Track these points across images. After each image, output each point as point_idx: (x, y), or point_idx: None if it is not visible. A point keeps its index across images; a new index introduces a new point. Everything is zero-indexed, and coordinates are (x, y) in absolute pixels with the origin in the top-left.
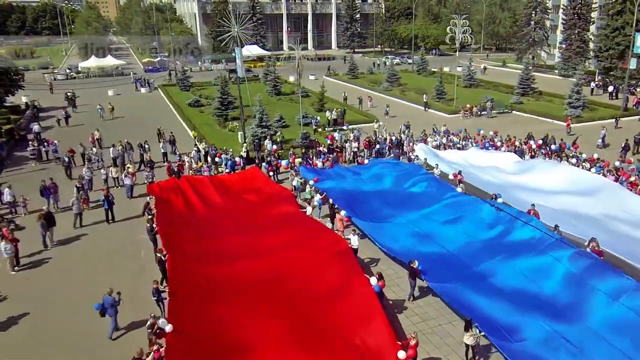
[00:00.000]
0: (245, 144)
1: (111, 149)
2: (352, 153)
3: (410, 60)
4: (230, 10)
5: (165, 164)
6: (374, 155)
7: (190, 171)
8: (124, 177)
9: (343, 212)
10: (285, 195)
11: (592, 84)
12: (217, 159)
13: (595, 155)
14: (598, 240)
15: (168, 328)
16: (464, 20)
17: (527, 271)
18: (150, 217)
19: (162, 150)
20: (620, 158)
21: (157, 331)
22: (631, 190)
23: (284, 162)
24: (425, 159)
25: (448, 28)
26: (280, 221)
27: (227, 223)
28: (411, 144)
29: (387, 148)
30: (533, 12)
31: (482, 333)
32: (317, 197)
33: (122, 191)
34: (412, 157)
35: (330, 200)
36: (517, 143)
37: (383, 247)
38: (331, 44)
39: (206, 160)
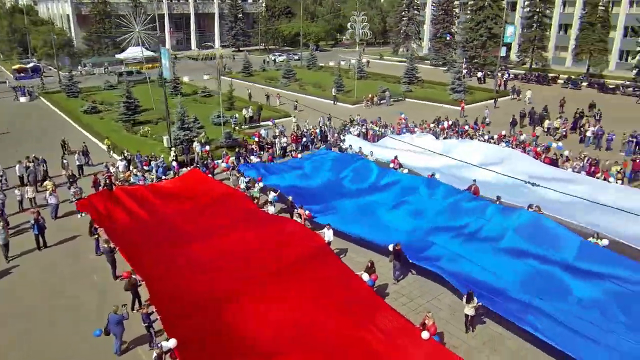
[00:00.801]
0: (173, 148)
1: (17, 166)
2: (282, 148)
3: (296, 57)
4: (110, 11)
5: (92, 176)
6: (301, 149)
7: (117, 182)
8: (49, 196)
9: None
10: (239, 195)
11: (464, 71)
12: (145, 167)
13: (504, 132)
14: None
15: (173, 343)
16: (362, 17)
17: (488, 238)
18: (97, 236)
19: (77, 163)
20: (520, 132)
21: (166, 355)
22: (537, 158)
23: (223, 164)
24: (360, 147)
25: (349, 24)
26: (245, 221)
27: (188, 230)
28: (336, 134)
29: (312, 141)
30: (406, 9)
31: (480, 303)
32: (272, 194)
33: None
34: (344, 146)
35: (290, 198)
36: (431, 125)
37: (354, 236)
38: (214, 44)
39: (128, 169)
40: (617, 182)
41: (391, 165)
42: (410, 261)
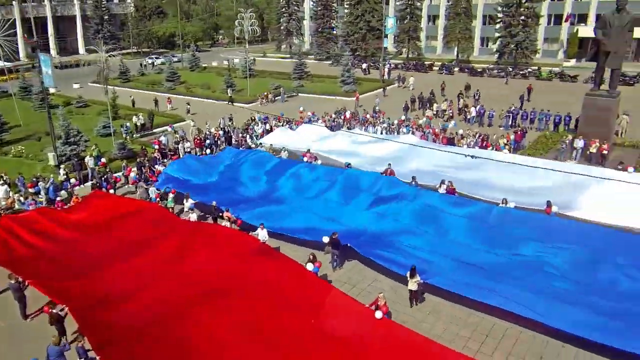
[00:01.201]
0: (62, 166)
1: None
2: (185, 154)
3: (175, 59)
4: None
5: None
6: (205, 151)
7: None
8: None
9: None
10: (153, 208)
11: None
12: (30, 189)
13: (402, 117)
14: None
15: None
16: (250, 14)
17: (417, 217)
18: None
19: None
20: (417, 117)
21: None
22: (435, 140)
23: (132, 175)
24: (271, 144)
25: (236, 22)
26: (167, 233)
27: (106, 253)
28: (240, 135)
29: (215, 143)
30: (286, 5)
31: (422, 280)
32: (189, 201)
33: None
34: (253, 145)
35: (214, 202)
36: (333, 116)
37: (288, 233)
38: (78, 49)
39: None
40: (507, 153)
41: (304, 159)
42: (351, 247)
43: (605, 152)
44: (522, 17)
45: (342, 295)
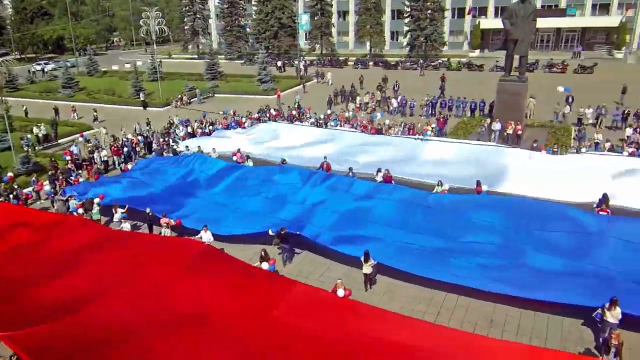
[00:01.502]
0: None
1: None
2: (103, 162)
3: (69, 64)
4: None
5: None
6: (124, 159)
7: None
8: None
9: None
10: (76, 220)
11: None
12: None
13: (329, 111)
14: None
15: None
16: (156, 12)
17: (358, 205)
18: None
19: None
20: (343, 110)
21: None
22: (364, 132)
23: (45, 189)
24: (199, 146)
25: (141, 21)
26: (100, 247)
27: (28, 273)
28: (161, 139)
29: (134, 149)
30: (190, 3)
31: (376, 262)
32: (119, 211)
33: None
34: (178, 149)
35: (148, 210)
36: (257, 115)
37: (236, 233)
38: None
39: None
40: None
41: (234, 158)
42: (301, 238)
43: (520, 132)
44: (429, 11)
45: (303, 286)
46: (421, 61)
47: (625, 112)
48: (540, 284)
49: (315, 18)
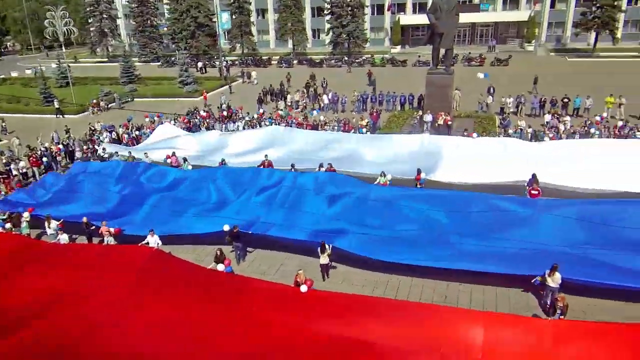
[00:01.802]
0: None
1: None
2: (22, 174)
3: None
4: None
5: None
6: (45, 170)
7: None
8: None
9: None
10: (7, 237)
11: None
12: None
13: (261, 111)
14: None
15: None
16: (62, 12)
17: (307, 198)
18: None
19: None
20: (276, 108)
21: None
22: (299, 127)
23: None
24: (129, 152)
25: (47, 22)
26: (47, 264)
27: None
28: (84, 147)
29: (54, 159)
30: (95, 3)
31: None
32: (53, 223)
33: None
34: (105, 155)
35: (85, 219)
36: (187, 120)
37: (188, 233)
38: None
39: None
40: (367, 133)
41: (168, 160)
42: (255, 235)
43: (449, 123)
44: (350, 8)
45: (263, 282)
46: (346, 58)
47: (542, 99)
48: (482, 259)
49: (234, 17)
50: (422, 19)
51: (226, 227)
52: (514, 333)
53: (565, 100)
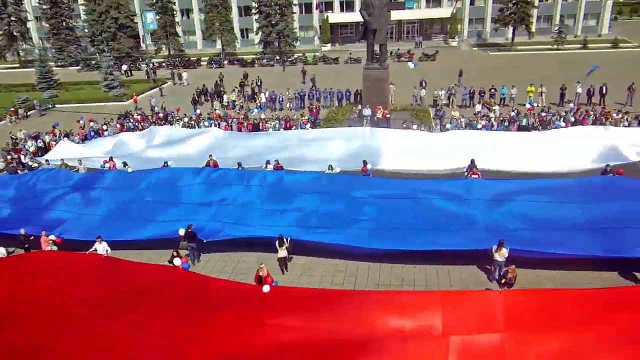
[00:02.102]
0: None
1: None
2: None
3: None
4: None
5: None
6: None
7: None
8: None
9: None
10: None
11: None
12: None
13: (198, 111)
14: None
15: None
16: None
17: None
18: None
19: None
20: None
21: None
22: (241, 128)
23: None
24: (62, 159)
25: None
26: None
27: None
28: (8, 157)
29: None
30: (2, 5)
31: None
32: None
33: None
34: (34, 164)
35: (22, 230)
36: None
37: (138, 239)
38: None
39: None
40: (310, 129)
41: (106, 166)
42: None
43: (388, 116)
44: (278, 7)
45: (222, 281)
46: (277, 57)
47: (471, 90)
48: (435, 239)
49: (158, 17)
50: (350, 17)
51: (181, 232)
52: (470, 307)
53: (492, 90)
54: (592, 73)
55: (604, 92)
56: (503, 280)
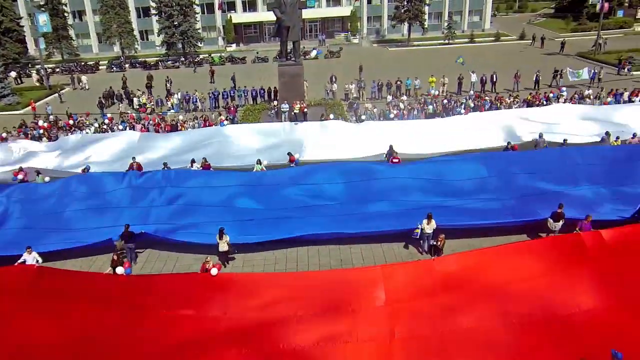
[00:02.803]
0: None
1: None
2: None
3: None
4: None
5: None
6: None
7: None
8: None
9: None
10: None
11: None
12: None
13: (109, 115)
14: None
15: None
16: None
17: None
18: None
19: None
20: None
21: None
22: (158, 130)
23: None
24: None
25: None
26: None
27: None
28: None
29: None
30: None
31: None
32: None
33: None
34: None
35: None
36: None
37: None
38: None
39: None
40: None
41: (19, 177)
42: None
43: (305, 110)
44: (180, 7)
45: (167, 276)
46: (183, 59)
47: (379, 83)
48: (370, 220)
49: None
50: (253, 17)
51: (115, 241)
52: (408, 276)
53: (398, 82)
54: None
55: (494, 80)
56: (435, 249)
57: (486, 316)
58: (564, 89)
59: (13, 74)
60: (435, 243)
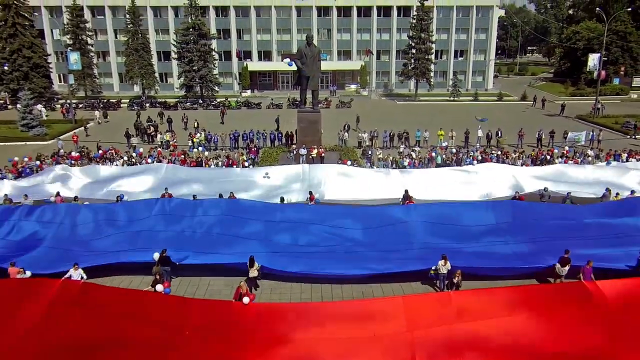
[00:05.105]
0: None
1: None
2: None
3: None
4: None
5: None
6: None
7: None
8: None
9: None
10: None
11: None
12: None
13: (140, 150)
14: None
15: None
16: None
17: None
18: None
19: None
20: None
21: None
22: (183, 164)
23: None
24: (5, 195)
25: None
26: None
27: None
28: None
29: None
30: None
31: (260, 265)
32: None
33: None
34: None
35: None
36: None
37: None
38: None
39: None
40: (251, 167)
41: (52, 199)
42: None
43: (323, 155)
44: (200, 54)
45: (202, 301)
46: (201, 101)
47: (391, 133)
48: (388, 261)
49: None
50: (267, 66)
51: (156, 255)
52: (428, 306)
53: (406, 134)
54: (484, 122)
55: (499, 135)
56: (451, 285)
57: (497, 347)
58: (567, 147)
59: (39, 106)
60: (453, 280)
